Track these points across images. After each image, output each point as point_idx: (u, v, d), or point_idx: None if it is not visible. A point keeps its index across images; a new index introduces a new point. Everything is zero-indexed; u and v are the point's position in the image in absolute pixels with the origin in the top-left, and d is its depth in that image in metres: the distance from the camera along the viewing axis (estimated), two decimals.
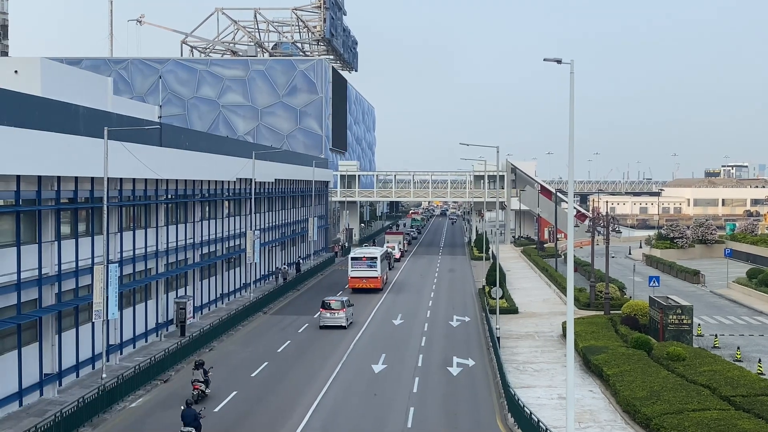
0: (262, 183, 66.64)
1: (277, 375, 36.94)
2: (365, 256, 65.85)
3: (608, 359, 34.66)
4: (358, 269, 65.08)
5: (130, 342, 40.94)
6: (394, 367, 38.25)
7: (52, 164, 32.41)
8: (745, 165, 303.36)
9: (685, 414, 26.56)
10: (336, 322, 48.60)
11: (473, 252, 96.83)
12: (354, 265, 65.40)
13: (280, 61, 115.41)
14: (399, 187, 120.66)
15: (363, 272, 64.88)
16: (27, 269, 31.48)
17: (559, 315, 50.99)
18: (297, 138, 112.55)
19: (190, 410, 26.90)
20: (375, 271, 64.98)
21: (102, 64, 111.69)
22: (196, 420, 26.68)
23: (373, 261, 65.30)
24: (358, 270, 65.04)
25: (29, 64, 42.43)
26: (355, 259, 65.72)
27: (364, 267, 64.98)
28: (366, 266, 65.01)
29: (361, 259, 65.47)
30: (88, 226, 36.58)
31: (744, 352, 40.20)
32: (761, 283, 60.19)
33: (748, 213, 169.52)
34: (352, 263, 65.72)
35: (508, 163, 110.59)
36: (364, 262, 65.20)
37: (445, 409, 31.42)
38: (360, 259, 65.53)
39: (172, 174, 45.47)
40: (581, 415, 29.39)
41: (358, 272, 64.97)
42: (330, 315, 48.72)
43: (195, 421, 26.64)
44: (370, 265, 65.09)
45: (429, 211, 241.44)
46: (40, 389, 32.27)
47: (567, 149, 23.30)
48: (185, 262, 49.26)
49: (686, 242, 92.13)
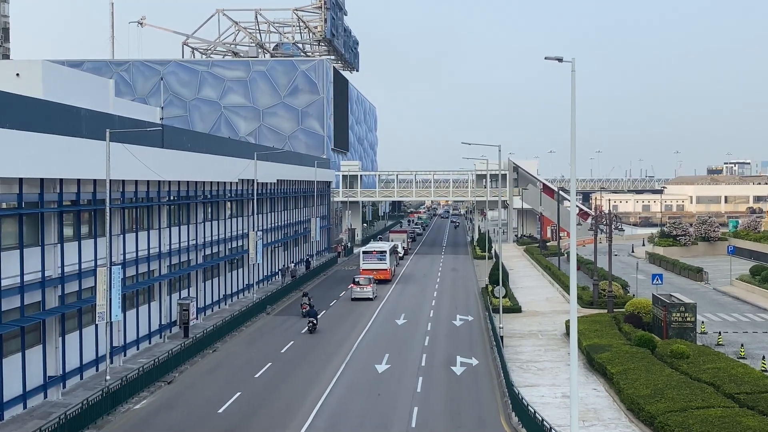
0: (264, 184, 66.67)
1: (281, 375, 36.95)
2: (375, 250, 71.79)
3: (612, 357, 34.63)
4: (369, 262, 70.51)
5: (133, 344, 40.97)
6: (397, 367, 38.25)
7: (55, 167, 32.45)
8: (747, 162, 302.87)
9: (690, 412, 26.53)
10: (365, 295, 60.11)
11: (476, 251, 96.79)
12: (365, 258, 70.87)
13: (281, 61, 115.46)
14: (401, 186, 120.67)
15: (373, 265, 70.25)
16: (30, 272, 31.52)
17: (562, 313, 50.96)
18: (299, 138, 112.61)
19: (312, 310, 48.40)
20: (384, 264, 70.78)
21: (103, 66, 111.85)
22: (316, 315, 47.67)
23: (382, 254, 71.14)
24: (369, 263, 70.42)
25: (31, 67, 42.42)
26: (366, 253, 71.39)
27: (375, 260, 70.64)
28: (376, 259, 70.75)
29: (372, 253, 71.19)
30: (90, 228, 36.60)
31: (748, 349, 40.14)
32: (765, 280, 60.08)
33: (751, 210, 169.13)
34: (363, 256, 71.13)
35: (510, 161, 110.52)
36: (375, 256, 70.94)
37: (449, 408, 31.41)
38: (371, 253, 71.24)
39: (174, 175, 45.50)
40: (585, 414, 29.37)
41: (369, 265, 70.21)
42: (359, 289, 60.35)
43: (315, 315, 47.66)
44: (380, 258, 70.90)
45: (432, 210, 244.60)
46: (44, 391, 32.32)
47: (569, 148, 23.29)
48: (188, 263, 49.29)
49: (689, 240, 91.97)
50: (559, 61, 23.30)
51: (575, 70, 22.68)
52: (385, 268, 70.82)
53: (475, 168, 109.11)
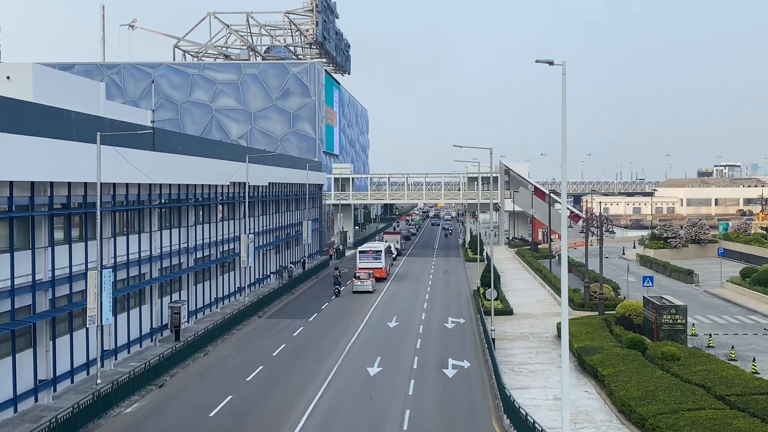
0: (255, 187, 66.62)
1: (273, 379, 36.90)
2: (371, 250, 75.73)
3: (603, 360, 34.72)
4: (365, 261, 74.24)
5: (124, 347, 40.84)
6: (389, 370, 38.25)
7: (45, 170, 32.34)
8: (737, 165, 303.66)
9: (681, 414, 26.63)
10: (365, 288, 65.72)
11: (468, 253, 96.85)
12: (361, 257, 74.80)
13: (272, 64, 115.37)
14: (393, 189, 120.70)
15: (369, 263, 73.64)
16: (21, 275, 31.42)
17: (553, 316, 51.06)
18: (290, 141, 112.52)
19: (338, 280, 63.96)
20: (380, 263, 74.53)
21: (94, 69, 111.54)
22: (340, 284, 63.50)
23: (378, 254, 75.16)
24: (365, 261, 74.13)
25: (21, 70, 42.30)
26: (363, 252, 75.36)
27: (370, 259, 74.48)
28: (372, 258, 74.56)
29: (368, 253, 75.17)
30: (81, 231, 36.49)
31: (738, 351, 40.31)
32: (755, 282, 60.32)
33: (741, 212, 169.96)
34: (360, 256, 75.01)
35: (501, 164, 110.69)
36: (370, 255, 74.89)
37: (441, 411, 31.43)
38: (367, 253, 75.23)
39: (165, 178, 45.40)
40: (577, 416, 29.43)
41: (365, 263, 73.71)
42: (360, 283, 65.98)
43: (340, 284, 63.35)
44: (375, 257, 74.81)
45: (425, 212, 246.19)
46: (34, 395, 32.19)
47: (560, 150, 23.37)
48: (179, 266, 49.18)
49: (680, 242, 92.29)
50: (550, 64, 23.39)
51: (566, 74, 22.77)
52: (381, 266, 74.18)
53: (467, 171, 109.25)
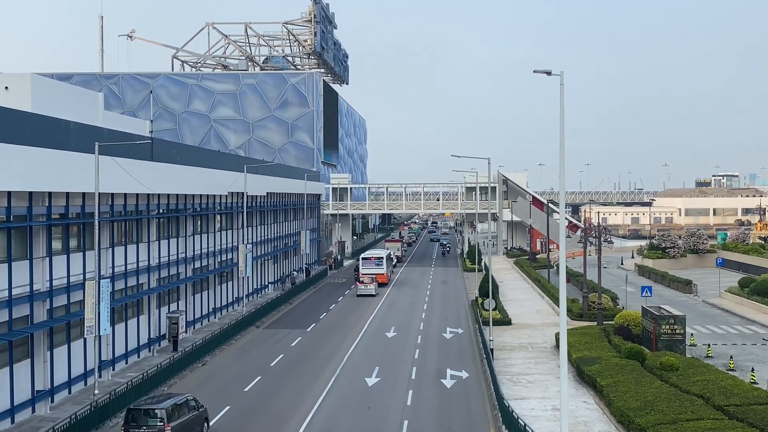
0: (253, 197, 66.63)
1: (271, 389, 36.81)
2: (373, 257, 79.67)
3: (602, 370, 34.67)
4: (367, 267, 77.77)
5: (122, 358, 40.74)
6: (387, 380, 38.16)
7: (43, 180, 32.34)
8: (735, 174, 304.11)
9: (679, 424, 26.57)
10: (368, 292, 70.22)
11: (466, 263, 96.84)
12: (364, 264, 78.57)
13: (271, 75, 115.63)
14: (391, 199, 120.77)
15: (371, 270, 77.12)
16: (18, 285, 31.35)
17: (552, 326, 51.01)
18: (288, 151, 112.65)
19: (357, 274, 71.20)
20: (381, 269, 78.37)
21: (93, 80, 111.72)
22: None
23: (379, 260, 79.02)
24: (367, 268, 77.63)
25: (19, 80, 42.36)
26: (365, 259, 79.34)
27: (373, 265, 78.20)
28: (374, 265, 78.29)
29: (370, 259, 79.09)
30: (79, 241, 36.46)
31: (737, 361, 40.28)
32: (753, 292, 60.33)
33: (740, 222, 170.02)
34: (362, 262, 78.84)
35: (499, 174, 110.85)
36: (372, 261, 78.75)
37: (439, 421, 31.34)
38: (369, 259, 79.13)
39: (163, 188, 45.41)
40: (575, 427, 29.37)
41: (368, 270, 77.10)
42: (364, 287, 70.51)
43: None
44: (377, 263, 78.57)
45: (423, 222, 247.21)
46: (32, 406, 32.08)
47: (558, 160, 23.41)
48: (177, 276, 49.13)
49: (678, 252, 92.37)
50: (548, 74, 23.49)
51: (564, 84, 22.84)
52: (382, 272, 77.91)
53: (465, 180, 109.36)
